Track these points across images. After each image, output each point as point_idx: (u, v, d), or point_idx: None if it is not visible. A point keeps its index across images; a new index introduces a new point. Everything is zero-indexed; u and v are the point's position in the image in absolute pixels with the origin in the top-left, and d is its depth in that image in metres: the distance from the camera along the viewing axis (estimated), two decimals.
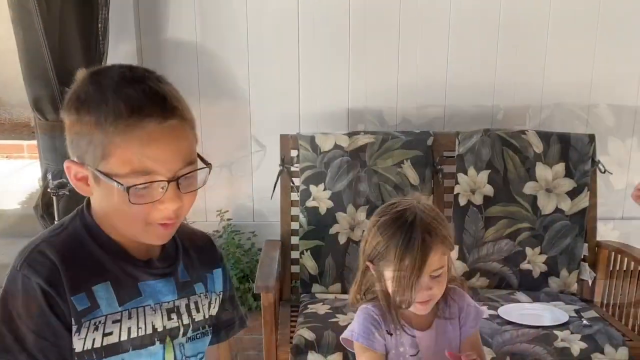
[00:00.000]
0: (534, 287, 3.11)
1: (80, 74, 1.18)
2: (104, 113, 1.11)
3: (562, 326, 2.72)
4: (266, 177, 3.17)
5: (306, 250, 3.03)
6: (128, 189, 1.11)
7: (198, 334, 1.33)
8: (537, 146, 3.10)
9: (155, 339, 1.25)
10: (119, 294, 1.21)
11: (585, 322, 2.77)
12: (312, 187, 3.03)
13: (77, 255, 1.20)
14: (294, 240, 3.09)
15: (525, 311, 2.86)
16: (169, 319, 1.27)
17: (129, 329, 1.21)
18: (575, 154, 3.11)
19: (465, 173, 3.09)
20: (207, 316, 1.34)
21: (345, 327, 2.58)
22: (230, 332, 1.45)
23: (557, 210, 3.10)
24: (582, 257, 3.14)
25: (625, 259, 2.95)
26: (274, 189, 3.06)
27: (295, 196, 3.09)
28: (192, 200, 1.20)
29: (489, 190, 3.09)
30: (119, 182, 1.11)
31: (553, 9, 3.29)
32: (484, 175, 3.09)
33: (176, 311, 1.28)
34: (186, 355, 1.31)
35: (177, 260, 1.31)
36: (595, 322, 2.76)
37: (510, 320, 2.75)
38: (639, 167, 3.48)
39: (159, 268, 1.27)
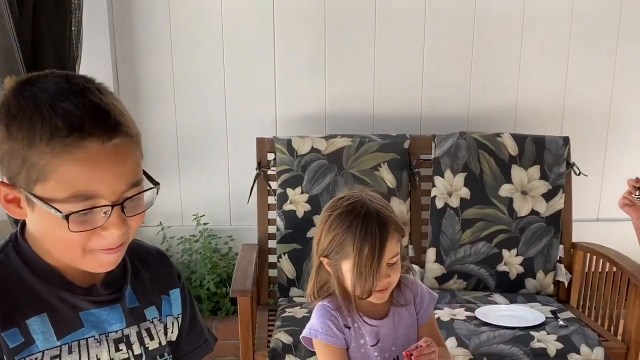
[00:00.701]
0: (511, 289, 3.14)
1: (9, 82, 1.06)
2: (39, 131, 0.99)
3: (539, 327, 2.75)
4: (243, 180, 3.17)
5: (284, 254, 3.03)
6: (67, 216, 1.01)
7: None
8: (512, 149, 3.14)
9: None
10: (57, 326, 1.10)
11: (561, 322, 2.81)
12: (289, 191, 3.04)
13: (8, 286, 1.09)
14: (272, 244, 3.09)
15: (502, 312, 2.89)
16: (117, 350, 1.16)
17: None
18: (550, 157, 3.15)
19: (442, 176, 3.12)
20: (163, 343, 1.24)
21: None
22: (193, 359, 1.36)
23: (533, 212, 3.13)
24: (558, 258, 3.18)
25: (601, 260, 2.99)
26: (251, 192, 3.06)
27: (272, 200, 3.09)
28: (140, 222, 1.11)
29: (465, 192, 3.12)
30: (56, 209, 1.01)
31: (527, 13, 3.33)
32: (461, 177, 3.12)
33: (125, 341, 1.18)
34: None
35: (124, 284, 1.20)
36: (571, 323, 2.80)
37: (487, 321, 2.78)
38: (614, 169, 3.53)
39: (103, 295, 1.16)
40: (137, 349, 1.20)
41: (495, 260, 3.13)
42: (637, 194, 2.00)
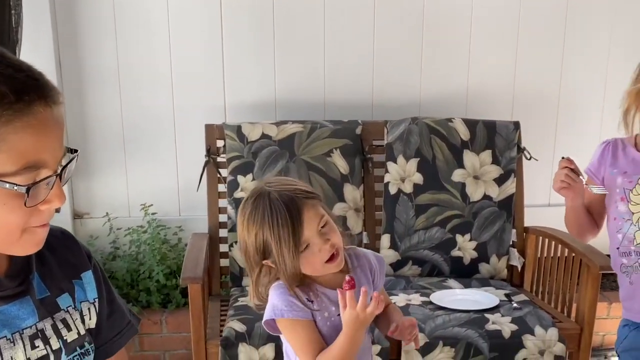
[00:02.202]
0: (465, 274, 3.17)
1: None
2: None
3: (493, 310, 2.78)
4: (192, 168, 3.12)
5: (236, 242, 2.99)
6: (28, 190, 0.96)
7: (76, 355, 1.16)
8: (464, 134, 3.16)
9: None
10: None
11: (515, 305, 2.84)
12: (240, 178, 3.00)
13: None
14: (223, 233, 3.05)
15: (457, 297, 2.91)
16: (33, 347, 1.08)
17: None
18: (501, 141, 3.18)
19: (395, 161, 3.12)
20: (82, 332, 1.18)
21: None
22: (117, 344, 1.29)
23: (486, 197, 3.16)
24: (511, 243, 3.22)
25: (553, 243, 3.03)
26: (200, 180, 3.02)
27: (222, 188, 3.06)
28: None
29: (418, 178, 3.13)
30: (13, 183, 0.95)
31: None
32: (413, 163, 3.13)
33: (41, 336, 1.10)
34: None
35: (30, 273, 1.12)
36: (525, 305, 2.83)
37: (442, 305, 2.79)
38: (564, 154, 3.58)
39: (9, 288, 1.08)
40: (54, 344, 1.12)
41: (449, 246, 3.15)
42: (580, 179, 2.00)
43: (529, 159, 3.23)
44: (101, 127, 3.24)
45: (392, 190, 3.12)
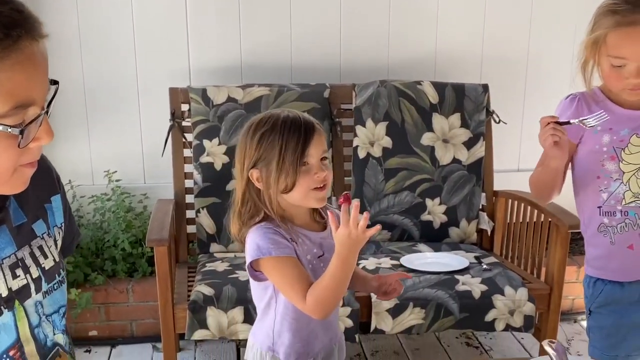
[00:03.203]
0: (435, 238, 3.18)
1: None
2: None
3: (463, 271, 2.80)
4: (156, 134, 3.08)
5: (202, 208, 2.97)
6: (22, 131, 0.95)
7: (55, 284, 1.15)
8: (433, 97, 3.16)
9: (2, 307, 1.05)
10: None
11: (485, 266, 2.86)
12: (205, 142, 2.97)
13: None
14: (189, 199, 3.03)
15: (427, 260, 2.93)
16: (15, 277, 1.07)
17: None
18: (470, 104, 3.19)
19: (364, 125, 3.11)
20: (57, 259, 1.17)
21: (246, 282, 2.57)
22: (69, 250, 1.29)
23: (455, 160, 3.17)
24: (481, 206, 3.24)
25: (522, 205, 3.05)
26: (165, 145, 2.98)
27: (188, 152, 3.02)
28: None
29: (387, 142, 3.13)
30: (7, 125, 0.94)
31: None
32: (382, 127, 3.12)
33: (22, 265, 1.09)
34: (46, 313, 1.13)
35: (7, 200, 1.09)
36: (494, 267, 2.86)
37: (413, 268, 2.81)
38: (533, 118, 3.59)
39: None
40: (34, 272, 1.11)
41: (419, 210, 3.16)
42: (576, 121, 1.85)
43: (498, 123, 3.24)
44: (62, 93, 3.11)
45: (361, 154, 3.11)
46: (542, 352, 1.80)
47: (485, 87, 3.22)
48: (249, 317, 2.51)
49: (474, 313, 2.65)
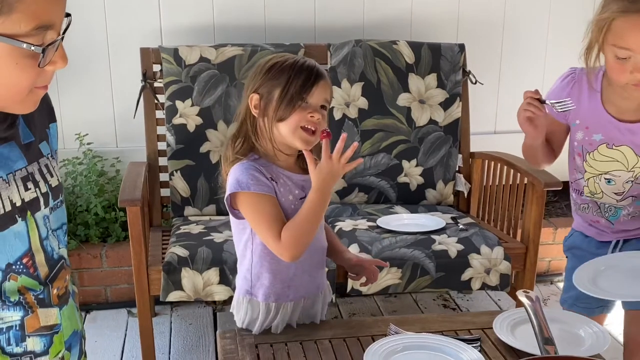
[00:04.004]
0: (412, 200, 3.20)
1: None
2: None
3: (439, 231, 2.82)
4: (128, 95, 3.05)
5: (176, 171, 2.95)
6: (44, 50, 0.99)
7: (58, 202, 1.21)
8: (409, 56, 3.15)
9: (17, 216, 1.11)
10: None
11: (461, 226, 2.88)
12: (178, 103, 2.95)
13: None
14: (162, 161, 3.01)
15: (404, 221, 2.94)
16: (26, 189, 1.13)
17: None
18: (446, 64, 3.19)
19: (339, 86, 3.10)
20: (59, 180, 1.23)
21: (222, 243, 2.59)
22: None
23: (431, 121, 3.18)
24: (457, 168, 3.25)
25: (499, 165, 3.07)
26: (137, 107, 2.95)
27: (160, 114, 3.00)
28: None
29: (363, 103, 3.12)
30: (29, 43, 0.98)
31: None
32: (358, 87, 3.11)
33: (32, 179, 1.15)
34: (52, 228, 1.19)
35: (17, 118, 1.14)
36: (471, 227, 2.88)
37: (389, 228, 2.82)
38: (509, 79, 3.63)
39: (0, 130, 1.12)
40: (43, 187, 1.17)
41: (396, 172, 3.17)
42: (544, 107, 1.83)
43: (475, 83, 3.24)
44: None
45: (337, 115, 3.10)
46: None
47: (462, 47, 3.22)
48: (225, 279, 2.52)
49: (450, 272, 2.68)
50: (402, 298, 3.40)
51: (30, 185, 1.14)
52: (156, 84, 2.98)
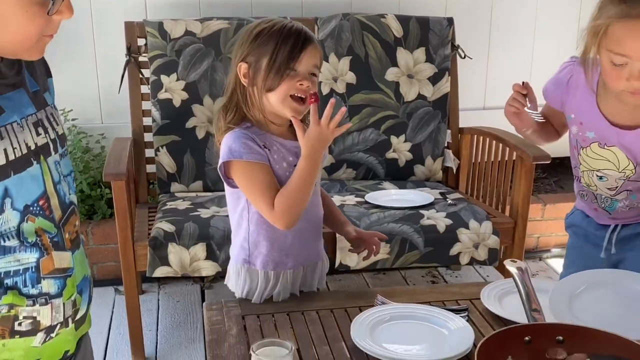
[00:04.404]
0: (401, 176, 3.20)
1: None
2: None
3: (428, 206, 2.82)
4: (112, 71, 3.03)
5: (162, 146, 2.93)
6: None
7: (65, 150, 1.26)
8: (397, 30, 3.14)
9: (32, 159, 1.15)
10: None
11: (450, 201, 2.88)
12: (163, 78, 2.92)
13: None
14: (148, 137, 2.99)
15: (392, 197, 2.94)
16: (37, 134, 1.17)
17: (5, 150, 1.11)
18: (435, 38, 3.17)
19: (327, 60, 3.08)
20: (64, 129, 1.28)
21: (209, 219, 2.58)
22: None
23: (420, 96, 3.17)
24: (446, 144, 3.25)
25: (488, 140, 3.07)
26: (122, 81, 2.92)
27: (145, 89, 2.97)
28: None
29: (351, 77, 3.11)
30: None
31: None
32: (346, 62, 3.10)
33: (42, 125, 1.19)
34: (63, 174, 1.23)
35: (22, 67, 1.19)
36: (459, 202, 2.88)
37: (377, 204, 2.82)
38: (498, 53, 3.62)
39: (10, 76, 1.16)
40: (51, 134, 1.21)
41: (384, 148, 3.17)
42: (529, 107, 1.84)
43: (464, 58, 3.24)
44: None
45: (325, 90, 3.09)
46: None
47: (450, 21, 3.21)
48: (212, 254, 2.51)
49: (438, 247, 2.68)
50: (390, 275, 3.40)
51: (40, 130, 1.18)
52: (141, 59, 2.96)
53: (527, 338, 1.30)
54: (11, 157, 1.11)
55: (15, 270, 1.14)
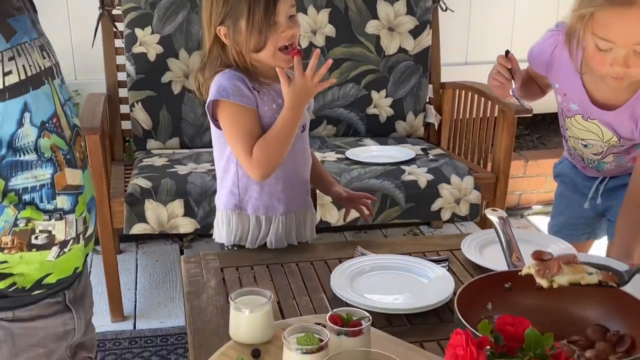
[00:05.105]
0: (382, 133, 3.19)
1: None
2: None
3: (409, 162, 2.82)
4: (85, 25, 2.97)
5: (137, 102, 2.90)
6: None
7: (62, 78, 1.30)
8: None
9: (43, 78, 1.21)
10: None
11: (431, 157, 2.89)
12: (137, 31, 2.88)
13: None
14: (123, 93, 2.95)
15: (373, 152, 2.94)
16: (43, 57, 1.23)
17: (23, 67, 1.17)
18: None
19: (305, 12, 3.05)
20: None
21: (186, 175, 2.57)
22: None
23: (401, 50, 3.15)
24: (427, 99, 3.24)
25: (469, 95, 3.07)
26: (95, 35, 2.88)
27: (119, 43, 2.93)
28: None
29: (330, 30, 3.08)
30: None
31: None
32: (325, 14, 3.07)
33: (45, 49, 1.24)
34: (65, 98, 1.28)
35: None
36: (441, 157, 2.89)
37: (358, 160, 2.82)
38: (480, 6, 3.60)
39: (13, 1, 1.19)
40: (53, 59, 1.26)
41: (365, 103, 3.15)
42: (514, 89, 1.81)
43: (445, 10, 3.22)
44: None
45: (304, 43, 3.06)
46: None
47: None
48: (190, 211, 2.50)
49: (420, 203, 2.69)
50: (371, 233, 3.42)
51: (45, 54, 1.23)
52: (115, 12, 2.92)
53: (507, 285, 1.32)
54: (29, 73, 1.17)
55: (33, 187, 1.20)
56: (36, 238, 1.22)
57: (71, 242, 1.27)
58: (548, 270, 1.23)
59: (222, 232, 1.78)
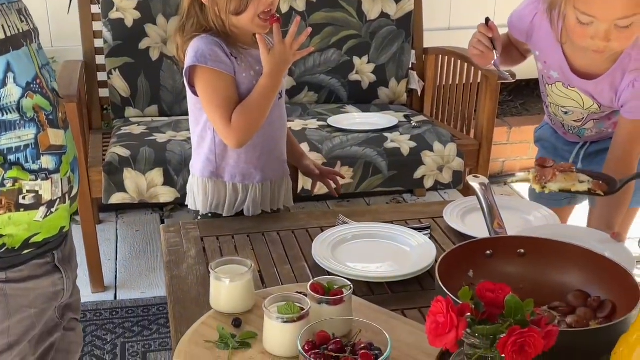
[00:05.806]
0: (364, 100, 3.19)
1: None
2: None
3: (392, 129, 2.82)
4: None
5: (114, 69, 2.87)
6: None
7: (39, 44, 1.32)
8: None
9: (22, 40, 1.24)
10: None
11: (414, 124, 2.89)
12: None
13: None
14: (100, 60, 2.92)
15: (355, 120, 2.94)
16: (21, 20, 1.26)
17: (2, 26, 1.20)
18: None
19: None
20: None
21: (165, 144, 2.56)
22: None
23: (383, 14, 3.13)
24: (410, 65, 3.24)
25: (452, 60, 3.06)
26: (71, 1, 2.83)
27: (96, 9, 2.89)
28: None
29: None
30: None
31: None
32: None
33: (23, 14, 1.27)
34: (42, 63, 1.30)
35: None
36: (424, 124, 2.89)
37: (340, 127, 2.81)
38: None
39: None
40: (30, 24, 1.29)
41: (347, 69, 3.14)
42: (496, 59, 1.79)
43: None
44: None
45: (284, 8, 3.03)
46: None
47: None
48: (170, 180, 2.49)
49: (402, 170, 2.70)
50: (354, 202, 3.43)
51: (22, 18, 1.26)
52: None
53: (488, 252, 1.32)
54: (8, 33, 1.20)
55: (17, 147, 1.23)
56: (24, 198, 1.24)
57: (58, 201, 1.30)
58: (544, 176, 1.26)
59: (198, 199, 1.78)
